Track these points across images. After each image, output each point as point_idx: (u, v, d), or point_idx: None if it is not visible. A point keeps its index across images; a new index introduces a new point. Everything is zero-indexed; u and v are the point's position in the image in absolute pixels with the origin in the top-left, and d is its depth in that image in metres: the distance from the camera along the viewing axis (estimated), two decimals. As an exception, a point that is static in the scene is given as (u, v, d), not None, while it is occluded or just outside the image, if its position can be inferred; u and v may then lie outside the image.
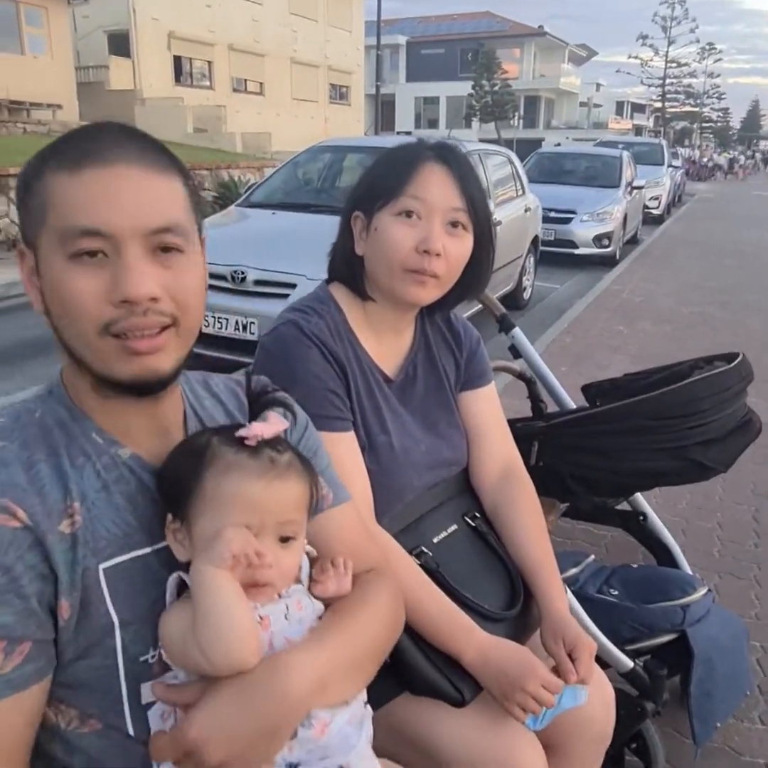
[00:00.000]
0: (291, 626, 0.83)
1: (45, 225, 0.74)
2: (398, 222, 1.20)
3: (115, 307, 0.73)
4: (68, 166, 0.74)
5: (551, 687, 1.10)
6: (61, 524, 0.75)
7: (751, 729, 1.97)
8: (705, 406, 1.57)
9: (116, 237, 0.73)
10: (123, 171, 0.74)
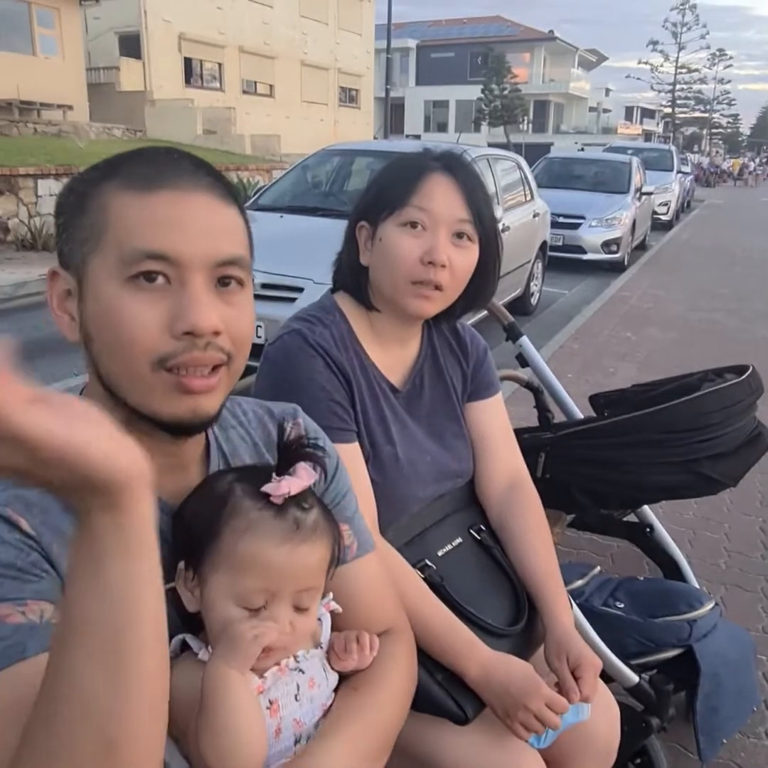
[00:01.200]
0: (302, 707, 0.80)
1: (100, 246, 0.70)
2: (403, 233, 1.19)
3: (176, 340, 0.69)
4: (137, 187, 0.70)
5: (555, 706, 1.08)
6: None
7: (757, 745, 1.95)
8: (715, 420, 1.55)
9: (183, 264, 0.70)
10: (195, 198, 0.71)
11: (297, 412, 0.98)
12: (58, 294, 0.74)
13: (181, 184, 0.71)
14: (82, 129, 15.58)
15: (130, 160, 0.74)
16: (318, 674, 0.83)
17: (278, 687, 0.78)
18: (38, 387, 0.48)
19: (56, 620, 0.60)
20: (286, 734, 0.78)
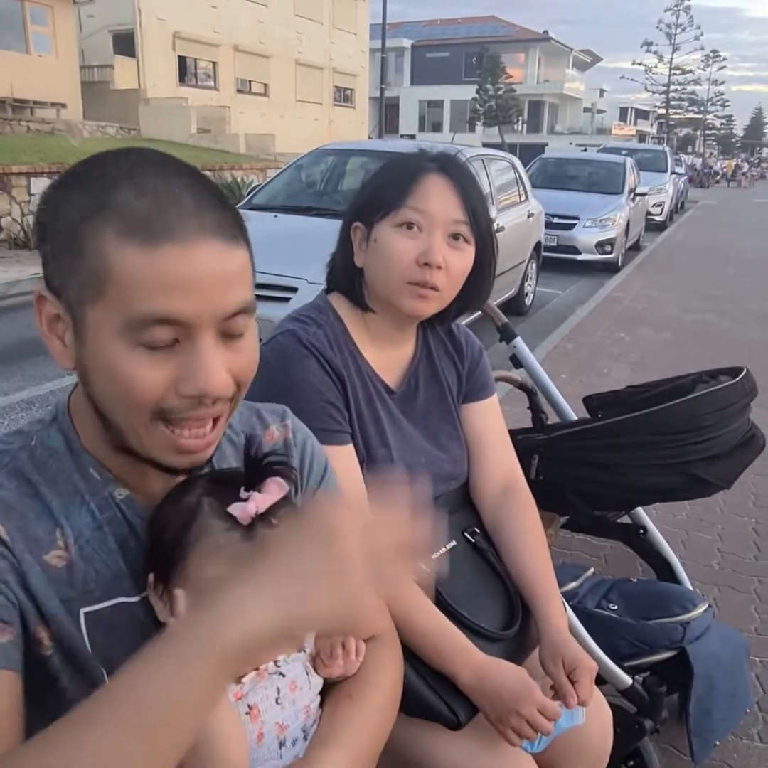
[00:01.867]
0: (284, 710, 0.79)
1: (101, 298, 0.65)
2: (399, 234, 1.18)
3: (181, 398, 0.67)
4: (139, 237, 0.64)
5: (548, 712, 1.07)
6: (48, 554, 0.71)
7: (750, 746, 1.95)
8: (709, 422, 1.55)
9: (192, 325, 0.66)
10: (202, 249, 0.65)
11: (285, 413, 0.96)
12: (47, 317, 0.70)
13: (187, 232, 0.65)
14: (76, 127, 15.52)
15: (124, 191, 0.65)
16: (300, 677, 0.82)
17: (257, 692, 0.77)
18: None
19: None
20: (268, 738, 0.77)
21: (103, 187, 0.66)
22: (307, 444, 0.95)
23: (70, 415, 0.77)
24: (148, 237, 0.64)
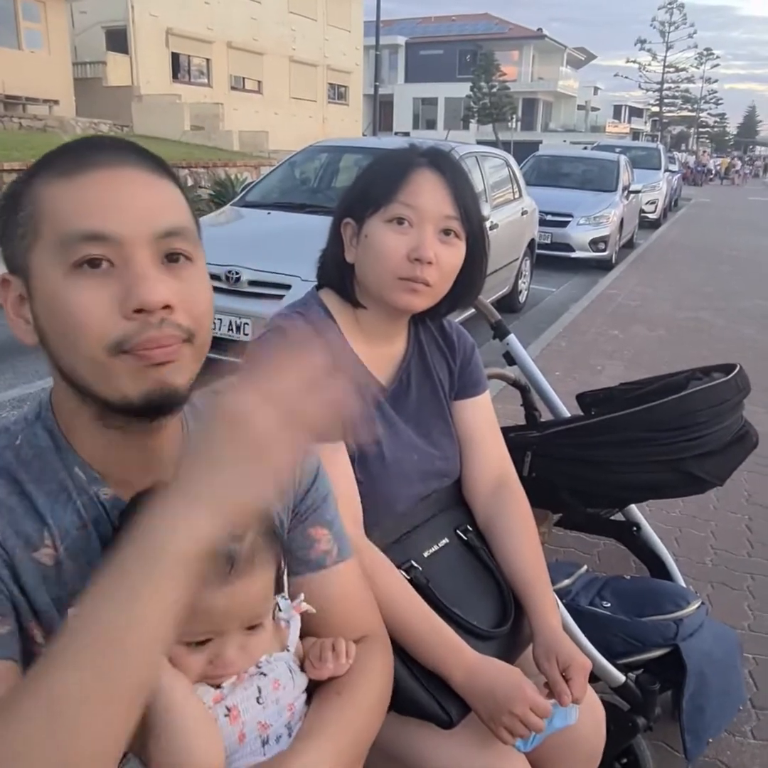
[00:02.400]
0: (266, 709, 0.78)
1: (38, 239, 0.68)
2: (389, 229, 1.17)
3: (128, 320, 0.67)
4: (64, 172, 0.69)
5: (540, 710, 1.07)
6: (38, 552, 0.70)
7: (743, 743, 1.95)
8: (702, 419, 1.54)
9: (123, 242, 0.67)
10: (124, 173, 0.69)
11: None
12: (12, 301, 0.72)
13: (109, 161, 0.69)
14: (68, 124, 15.44)
15: (55, 153, 0.72)
16: (283, 675, 0.81)
17: (236, 693, 0.76)
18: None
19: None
20: (250, 737, 0.77)
21: (39, 159, 0.73)
22: (321, 470, 0.94)
23: (53, 411, 0.76)
24: (73, 170, 0.69)
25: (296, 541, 0.91)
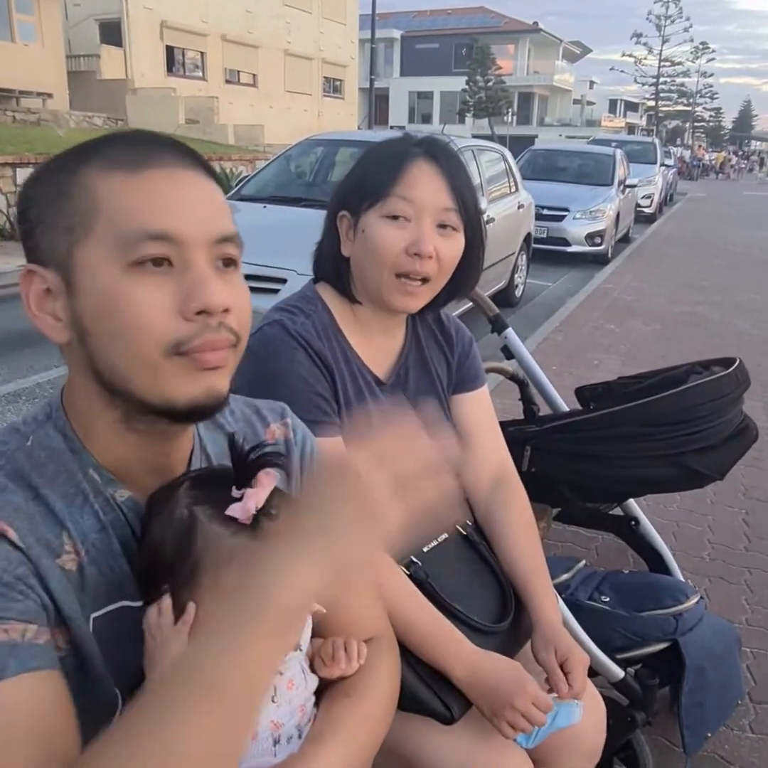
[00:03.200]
0: (279, 708, 0.78)
1: (91, 233, 0.66)
2: (387, 224, 1.16)
3: (188, 322, 0.66)
4: (123, 168, 0.67)
5: (541, 705, 1.07)
6: (60, 558, 0.68)
7: (741, 737, 1.95)
8: (702, 413, 1.54)
9: (186, 243, 0.66)
10: (185, 175, 0.69)
11: (285, 411, 0.94)
12: (36, 294, 0.69)
13: (168, 162, 0.68)
14: (62, 117, 15.36)
15: (106, 143, 0.70)
16: (297, 676, 0.81)
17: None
18: None
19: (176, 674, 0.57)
20: (262, 736, 0.76)
21: (83, 146, 0.70)
22: (306, 442, 0.93)
23: (65, 411, 0.74)
24: (133, 166, 0.67)
25: None
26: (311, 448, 0.93)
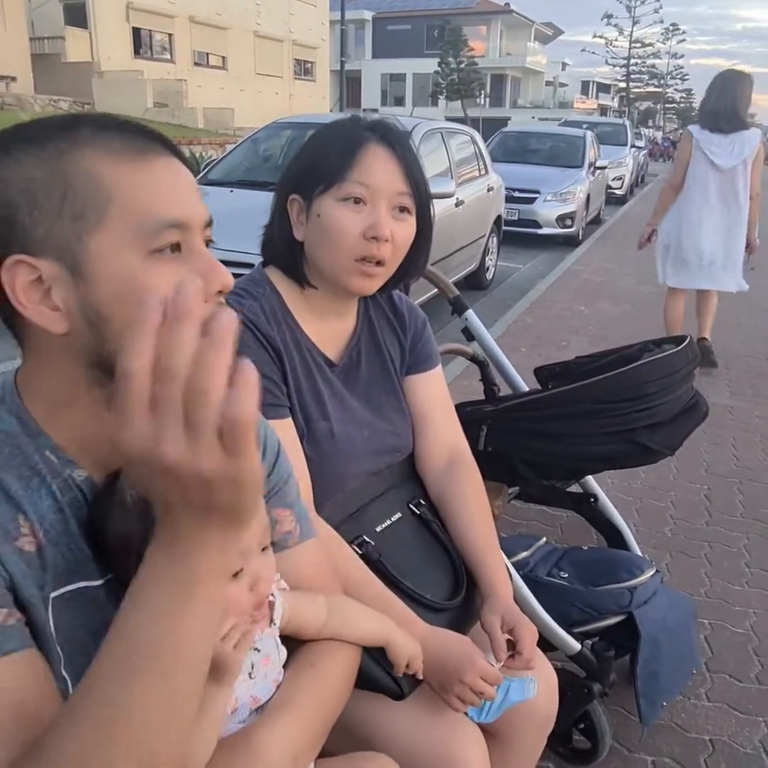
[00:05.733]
0: (257, 684, 0.81)
1: (104, 222, 0.66)
2: (343, 208, 1.16)
3: (208, 304, 0.69)
4: (127, 155, 0.68)
5: (490, 678, 1.09)
6: (18, 541, 0.68)
7: (697, 706, 2.01)
8: (652, 390, 1.56)
9: (191, 229, 0.70)
10: (175, 163, 0.72)
11: None
12: (23, 287, 0.66)
13: (160, 150, 0.71)
14: (27, 101, 15.06)
15: (90, 124, 0.69)
16: (272, 651, 0.83)
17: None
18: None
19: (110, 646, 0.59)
20: (242, 711, 0.79)
21: (58, 131, 0.68)
22: (260, 426, 0.93)
23: (19, 396, 0.74)
24: (136, 155, 0.68)
25: None
26: (264, 432, 0.94)
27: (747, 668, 2.15)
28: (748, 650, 2.22)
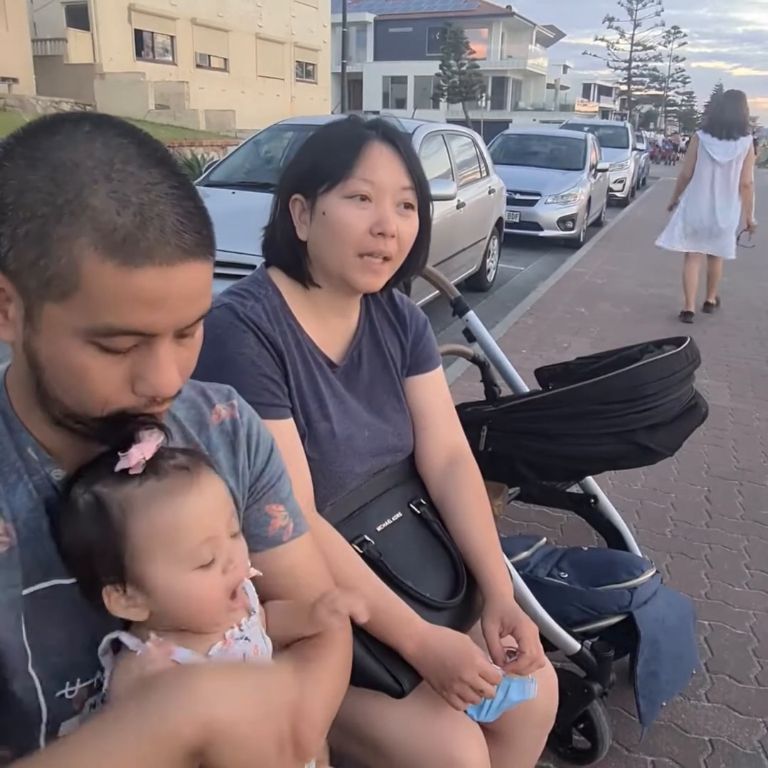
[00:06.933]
0: None
1: (64, 302, 0.63)
2: (349, 205, 1.17)
3: (137, 396, 0.69)
4: (117, 257, 0.62)
5: (489, 677, 1.09)
6: None
7: (697, 706, 2.01)
8: (651, 391, 1.57)
9: (155, 335, 0.67)
10: (179, 271, 0.65)
11: (231, 392, 0.95)
12: None
13: (168, 255, 0.64)
14: (29, 103, 15.08)
15: (103, 196, 0.62)
16: (260, 641, 0.84)
17: (226, 658, 0.78)
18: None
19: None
20: None
21: (80, 183, 0.61)
22: (253, 424, 0.94)
23: (7, 392, 0.75)
24: (128, 259, 0.62)
25: (253, 518, 0.92)
26: (258, 429, 0.95)
27: (747, 669, 2.15)
28: (747, 651, 2.22)
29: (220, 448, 0.89)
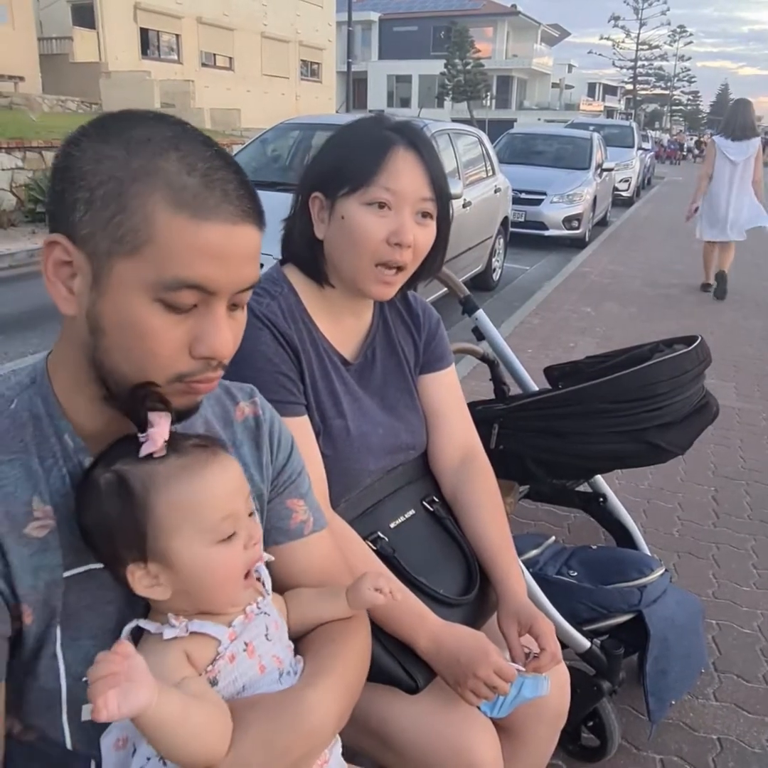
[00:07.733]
0: (274, 645, 0.83)
1: (136, 256, 0.68)
2: (368, 212, 1.16)
3: (195, 360, 0.72)
4: (187, 210, 0.67)
5: (503, 673, 1.10)
6: (27, 527, 0.71)
7: (705, 705, 2.01)
8: (662, 390, 1.57)
9: (216, 294, 0.71)
10: (240, 231, 0.71)
11: (254, 391, 0.98)
12: (54, 261, 0.71)
13: (232, 213, 0.70)
14: (35, 101, 15.09)
15: (174, 161, 0.69)
16: (278, 617, 0.86)
17: (249, 629, 0.81)
18: None
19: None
20: (269, 668, 0.81)
21: (152, 152, 0.68)
22: (274, 421, 0.97)
23: (49, 378, 0.77)
24: (198, 213, 0.68)
25: (276, 511, 0.95)
26: (279, 427, 0.97)
27: (755, 668, 2.15)
28: (755, 651, 2.23)
29: (244, 443, 0.92)
